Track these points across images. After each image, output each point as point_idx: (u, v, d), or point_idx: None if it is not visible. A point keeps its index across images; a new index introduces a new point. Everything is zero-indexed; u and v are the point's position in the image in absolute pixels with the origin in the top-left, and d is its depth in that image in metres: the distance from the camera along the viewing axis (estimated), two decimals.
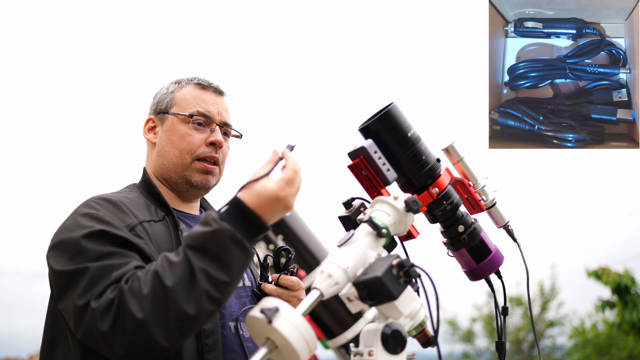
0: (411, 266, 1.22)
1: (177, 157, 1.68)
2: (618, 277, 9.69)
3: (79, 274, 1.33)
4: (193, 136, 1.68)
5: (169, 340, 1.24)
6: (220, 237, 1.26)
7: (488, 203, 1.59)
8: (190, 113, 1.69)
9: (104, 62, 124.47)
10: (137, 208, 1.56)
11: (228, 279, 1.27)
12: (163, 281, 1.25)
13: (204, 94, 1.74)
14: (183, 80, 1.78)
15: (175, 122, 1.70)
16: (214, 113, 1.72)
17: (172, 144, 1.69)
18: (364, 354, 1.24)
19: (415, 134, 1.47)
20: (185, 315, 1.24)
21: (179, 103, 1.73)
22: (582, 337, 18.83)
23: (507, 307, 1.64)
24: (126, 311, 1.24)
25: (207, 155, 1.68)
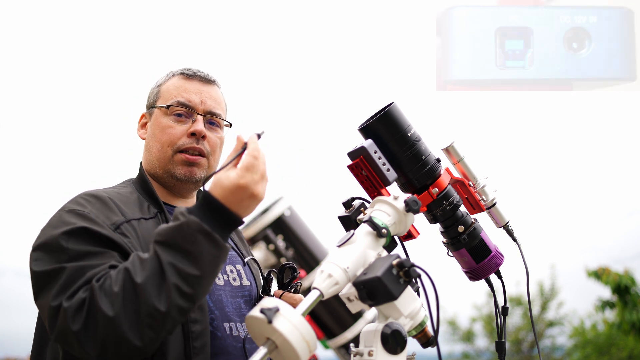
0: (411, 266, 1.22)
1: (159, 151, 1.64)
2: (618, 277, 9.70)
3: (56, 274, 1.32)
4: (173, 128, 1.63)
5: (142, 338, 1.22)
6: (187, 229, 1.24)
7: (488, 203, 1.59)
8: (169, 104, 1.65)
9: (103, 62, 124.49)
10: (128, 205, 1.53)
11: (198, 272, 1.23)
12: (133, 278, 1.23)
13: (187, 83, 1.69)
14: (170, 72, 1.74)
15: (159, 115, 1.67)
16: (195, 102, 1.66)
17: (155, 138, 1.66)
18: (364, 354, 1.24)
19: (415, 134, 1.47)
20: (157, 311, 1.21)
21: (162, 95, 1.69)
22: (582, 337, 18.83)
23: (507, 307, 1.64)
24: (97, 310, 1.22)
25: (188, 146, 1.62)
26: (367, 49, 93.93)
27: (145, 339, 1.22)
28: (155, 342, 1.25)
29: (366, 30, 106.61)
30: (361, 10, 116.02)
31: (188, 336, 1.44)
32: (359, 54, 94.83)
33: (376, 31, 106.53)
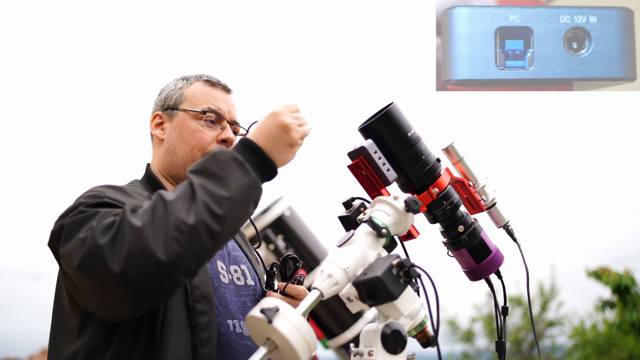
0: (411, 266, 1.22)
1: (187, 154, 1.65)
2: (618, 277, 9.70)
3: (86, 218, 1.33)
4: (204, 133, 1.66)
5: (166, 251, 1.19)
6: (220, 157, 1.29)
7: (488, 203, 1.60)
8: (203, 109, 1.67)
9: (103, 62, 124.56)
10: (142, 198, 1.54)
11: (228, 194, 1.25)
12: (164, 197, 1.25)
13: (213, 91, 1.73)
14: (191, 77, 1.76)
15: (186, 119, 1.68)
16: (224, 110, 1.71)
17: (183, 141, 1.66)
18: (364, 354, 1.24)
19: (415, 134, 1.47)
20: (184, 223, 1.20)
21: (188, 99, 1.71)
22: (582, 337, 18.83)
23: (507, 307, 1.64)
24: (125, 223, 1.23)
25: None
26: (367, 49, 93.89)
27: (169, 253, 1.19)
28: (179, 260, 1.21)
29: (366, 31, 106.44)
30: (361, 10, 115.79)
31: (195, 328, 1.44)
32: (359, 54, 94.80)
33: (376, 31, 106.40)
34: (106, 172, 12.05)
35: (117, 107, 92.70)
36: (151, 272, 1.19)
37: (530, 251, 3.48)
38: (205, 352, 1.44)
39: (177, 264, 1.21)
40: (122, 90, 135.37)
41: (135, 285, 1.21)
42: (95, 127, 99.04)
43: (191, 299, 1.46)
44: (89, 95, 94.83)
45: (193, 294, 1.46)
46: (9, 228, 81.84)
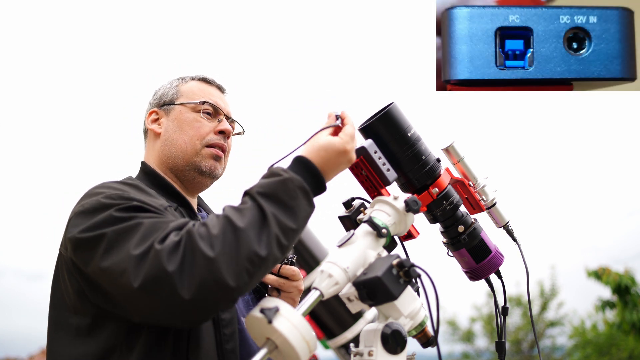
0: (411, 266, 1.22)
1: (186, 144, 1.65)
2: (618, 277, 9.70)
3: (131, 228, 1.27)
4: (202, 123, 1.67)
5: (237, 281, 1.17)
6: (290, 185, 1.27)
7: (488, 203, 1.60)
8: (201, 100, 1.69)
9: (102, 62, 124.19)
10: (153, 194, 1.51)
11: (296, 226, 1.25)
12: (234, 222, 1.21)
13: (209, 87, 1.76)
14: (186, 77, 1.78)
15: (184, 111, 1.69)
16: (221, 105, 1.73)
17: (181, 131, 1.67)
18: (364, 354, 1.24)
19: (415, 134, 1.47)
20: (257, 256, 1.19)
21: (185, 94, 1.72)
22: (582, 337, 18.83)
23: (507, 307, 1.64)
24: (196, 250, 1.18)
25: (217, 142, 1.67)
26: (367, 50, 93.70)
27: (239, 282, 1.18)
28: (247, 287, 1.20)
29: (366, 31, 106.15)
30: (361, 11, 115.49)
31: (219, 324, 1.45)
32: (359, 55, 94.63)
33: (376, 32, 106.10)
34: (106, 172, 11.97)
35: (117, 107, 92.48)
36: (219, 298, 1.18)
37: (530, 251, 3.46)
38: (229, 348, 1.45)
39: (243, 290, 1.20)
40: (121, 91, 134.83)
41: (201, 310, 1.19)
42: (96, 128, 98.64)
43: None
44: (89, 96, 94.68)
45: None
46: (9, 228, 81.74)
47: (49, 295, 1.53)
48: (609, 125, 44.62)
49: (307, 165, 1.33)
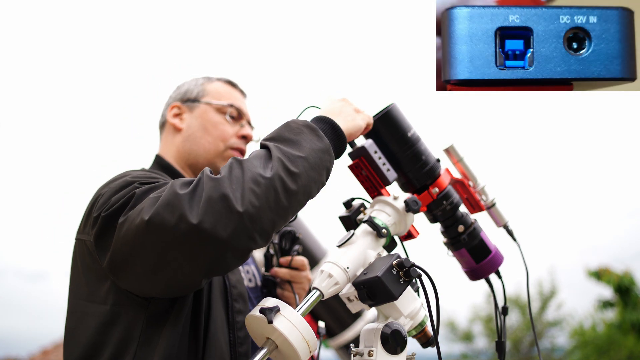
0: (411, 266, 1.22)
1: (210, 144, 1.67)
2: (619, 277, 9.72)
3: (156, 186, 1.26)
4: (226, 125, 1.70)
5: (243, 202, 1.13)
6: (293, 124, 1.29)
7: (488, 203, 1.60)
8: (228, 103, 1.71)
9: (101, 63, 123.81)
10: None
11: (302, 153, 1.23)
12: (239, 159, 1.22)
13: (234, 91, 1.78)
14: (211, 76, 1.81)
15: (209, 111, 1.71)
16: (244, 111, 1.76)
17: (206, 130, 1.68)
18: (364, 354, 1.25)
19: (415, 134, 1.47)
20: (261, 176, 1.16)
21: (211, 94, 1.74)
22: (581, 337, 18.84)
23: (506, 307, 1.64)
24: (204, 177, 1.17)
25: (239, 146, 1.70)
26: (367, 50, 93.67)
27: (246, 204, 1.13)
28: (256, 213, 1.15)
29: (366, 31, 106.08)
30: (361, 11, 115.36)
31: (233, 326, 1.46)
32: (359, 55, 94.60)
33: (376, 32, 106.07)
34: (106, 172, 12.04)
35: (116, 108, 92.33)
36: (228, 223, 1.12)
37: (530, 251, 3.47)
38: (242, 351, 1.46)
39: (253, 217, 1.14)
40: (121, 91, 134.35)
41: (210, 238, 1.12)
42: (96, 128, 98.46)
43: (230, 297, 1.47)
44: (89, 96, 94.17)
45: (232, 292, 1.48)
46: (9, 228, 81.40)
47: (49, 295, 1.53)
48: (609, 125, 44.65)
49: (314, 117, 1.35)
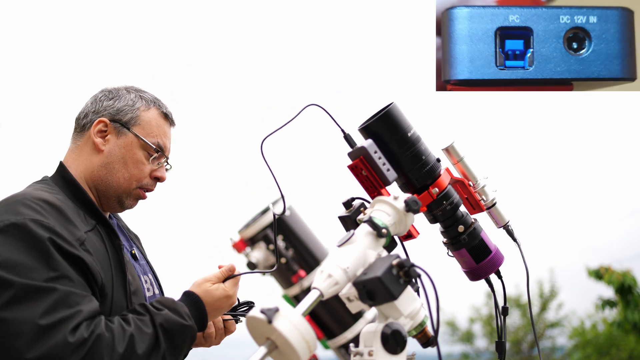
0: (411, 266, 1.22)
1: (124, 180, 1.66)
2: (621, 276, 9.70)
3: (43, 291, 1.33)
4: (145, 165, 1.68)
5: None
6: (189, 332, 1.51)
7: (488, 203, 1.60)
8: (154, 144, 1.68)
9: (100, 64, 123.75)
10: (74, 216, 1.52)
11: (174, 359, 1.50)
12: (135, 347, 1.40)
13: (165, 125, 1.74)
14: (149, 98, 1.73)
15: (134, 145, 1.67)
16: (167, 148, 1.73)
17: (125, 165, 1.66)
18: (364, 354, 1.24)
19: (415, 134, 1.47)
20: None
21: (142, 125, 1.69)
22: (582, 337, 18.82)
23: (507, 307, 1.64)
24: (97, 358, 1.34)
25: (149, 187, 1.71)
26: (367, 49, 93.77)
27: None
28: None
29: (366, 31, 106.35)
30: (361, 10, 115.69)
31: None
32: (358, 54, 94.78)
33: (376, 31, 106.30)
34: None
35: None
36: None
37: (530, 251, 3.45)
38: None
39: None
40: None
41: None
42: None
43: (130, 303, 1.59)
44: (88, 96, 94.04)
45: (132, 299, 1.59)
46: None
47: None
48: (609, 125, 44.63)
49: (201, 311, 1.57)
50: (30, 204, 1.45)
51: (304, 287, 2.79)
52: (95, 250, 1.49)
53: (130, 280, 1.58)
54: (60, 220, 1.45)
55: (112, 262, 1.54)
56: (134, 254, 1.73)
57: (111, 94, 1.72)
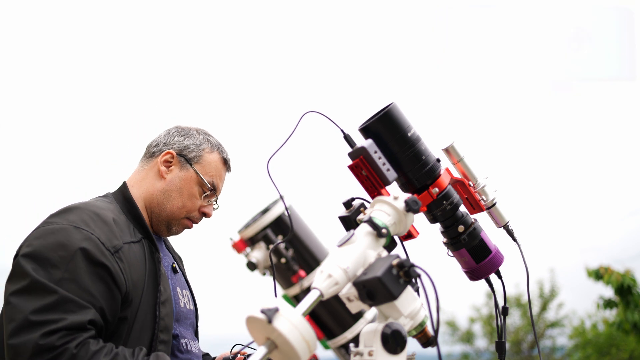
0: (411, 266, 1.22)
1: (177, 208, 1.84)
2: (621, 277, 9.69)
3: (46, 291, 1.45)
4: (197, 200, 1.86)
5: None
6: None
7: (488, 203, 1.60)
8: (210, 184, 1.86)
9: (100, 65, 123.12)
10: (120, 225, 1.68)
11: None
12: None
13: (222, 169, 1.92)
14: (214, 143, 1.92)
15: (193, 179, 1.86)
16: (219, 190, 1.91)
17: (181, 195, 1.84)
18: (364, 354, 1.24)
19: (415, 134, 1.47)
20: None
21: (204, 165, 1.88)
22: (582, 337, 18.82)
23: (507, 307, 1.64)
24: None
25: (195, 219, 1.88)
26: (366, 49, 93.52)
27: None
28: None
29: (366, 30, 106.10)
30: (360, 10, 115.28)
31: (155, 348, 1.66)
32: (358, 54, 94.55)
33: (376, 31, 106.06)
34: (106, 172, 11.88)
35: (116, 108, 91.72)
36: None
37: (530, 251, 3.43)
38: None
39: None
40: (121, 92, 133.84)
41: None
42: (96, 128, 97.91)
43: (157, 328, 1.65)
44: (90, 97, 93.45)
45: (159, 324, 1.66)
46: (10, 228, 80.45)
47: None
48: (609, 125, 44.60)
49: None
50: (80, 213, 1.62)
51: (304, 287, 2.79)
52: (132, 259, 1.64)
53: (162, 291, 1.70)
54: (103, 229, 1.61)
55: (148, 272, 1.69)
56: (174, 267, 1.89)
57: (183, 131, 1.93)
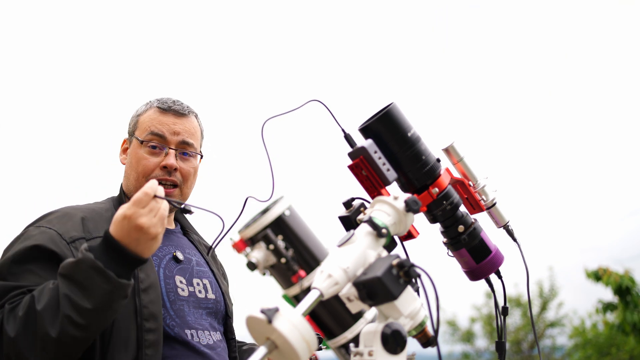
0: (411, 266, 1.22)
1: (136, 180, 1.76)
2: (619, 278, 9.70)
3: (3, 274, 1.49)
4: (148, 160, 1.75)
5: (39, 357, 1.35)
6: (82, 265, 1.36)
7: (488, 203, 1.59)
8: (143, 138, 1.76)
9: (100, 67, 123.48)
10: (98, 222, 1.65)
11: (90, 305, 1.35)
12: (35, 305, 1.37)
13: (162, 116, 1.79)
14: (152, 101, 1.83)
15: (135, 146, 1.78)
16: (168, 136, 1.77)
17: (132, 167, 1.78)
18: (364, 354, 1.24)
19: (415, 134, 1.47)
20: (48, 336, 1.34)
21: (140, 126, 1.80)
22: (582, 337, 18.82)
23: (507, 307, 1.64)
24: (3, 330, 1.38)
25: (161, 178, 1.74)
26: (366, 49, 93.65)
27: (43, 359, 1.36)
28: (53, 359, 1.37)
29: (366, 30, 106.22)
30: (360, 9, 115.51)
31: (142, 344, 1.53)
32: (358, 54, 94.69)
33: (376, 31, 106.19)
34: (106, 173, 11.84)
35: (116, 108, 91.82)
36: None
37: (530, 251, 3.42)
38: None
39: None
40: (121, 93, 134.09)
41: None
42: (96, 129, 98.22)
43: (139, 317, 1.54)
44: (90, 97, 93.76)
45: (142, 313, 1.55)
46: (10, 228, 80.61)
47: None
48: (609, 125, 44.62)
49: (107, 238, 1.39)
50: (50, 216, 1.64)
51: (304, 287, 2.79)
52: None
53: (143, 278, 1.60)
54: (65, 224, 1.60)
55: None
56: (175, 255, 1.76)
57: None
